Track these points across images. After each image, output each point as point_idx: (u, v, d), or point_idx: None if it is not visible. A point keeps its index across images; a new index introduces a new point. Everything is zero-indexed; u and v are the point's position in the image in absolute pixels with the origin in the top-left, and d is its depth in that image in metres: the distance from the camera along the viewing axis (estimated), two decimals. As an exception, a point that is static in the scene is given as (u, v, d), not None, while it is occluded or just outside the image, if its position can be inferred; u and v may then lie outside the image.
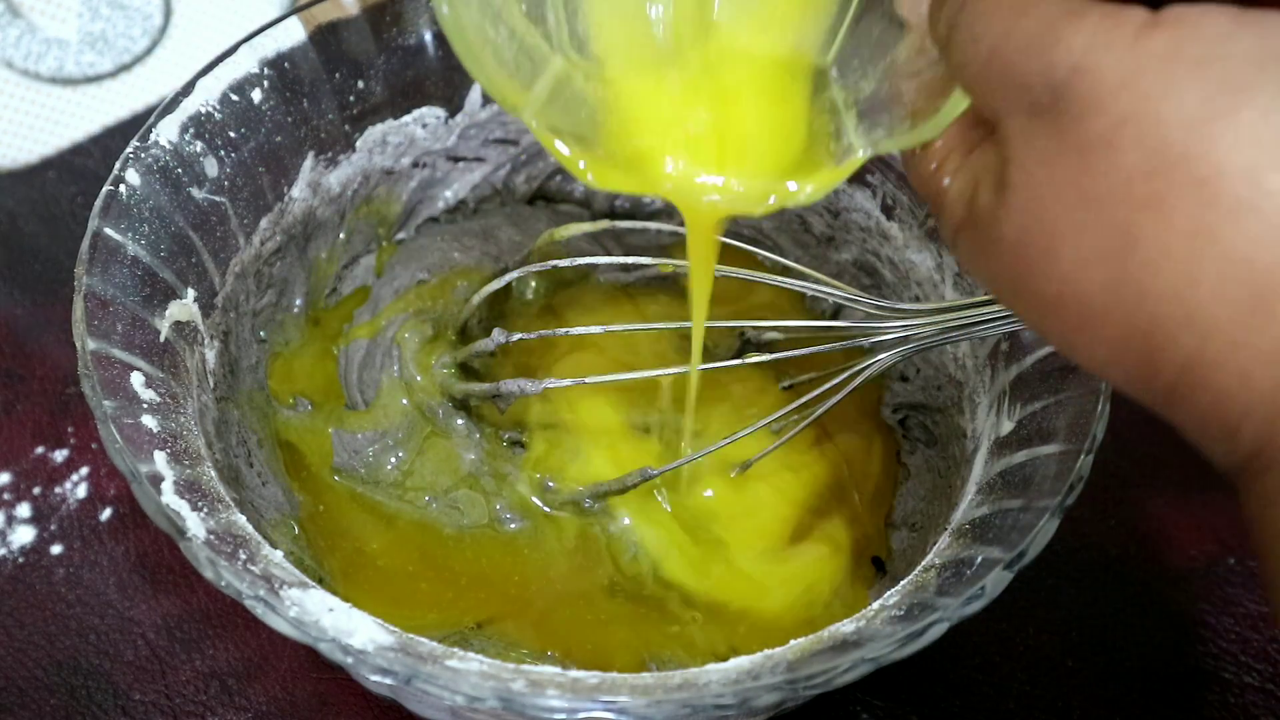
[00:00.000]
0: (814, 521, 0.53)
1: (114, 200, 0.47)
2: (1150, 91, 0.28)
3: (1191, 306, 0.28)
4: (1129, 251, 0.29)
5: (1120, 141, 0.28)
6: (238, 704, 0.51)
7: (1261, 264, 0.27)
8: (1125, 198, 0.28)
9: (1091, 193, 0.29)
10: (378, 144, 0.57)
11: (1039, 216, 0.30)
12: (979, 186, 0.33)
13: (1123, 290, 0.29)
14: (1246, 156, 0.27)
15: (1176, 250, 0.28)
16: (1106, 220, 0.29)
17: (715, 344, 0.58)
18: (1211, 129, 0.27)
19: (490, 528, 0.53)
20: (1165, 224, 0.28)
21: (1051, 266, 0.31)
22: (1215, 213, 0.27)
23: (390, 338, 0.56)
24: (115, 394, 0.43)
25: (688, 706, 0.38)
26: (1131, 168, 0.28)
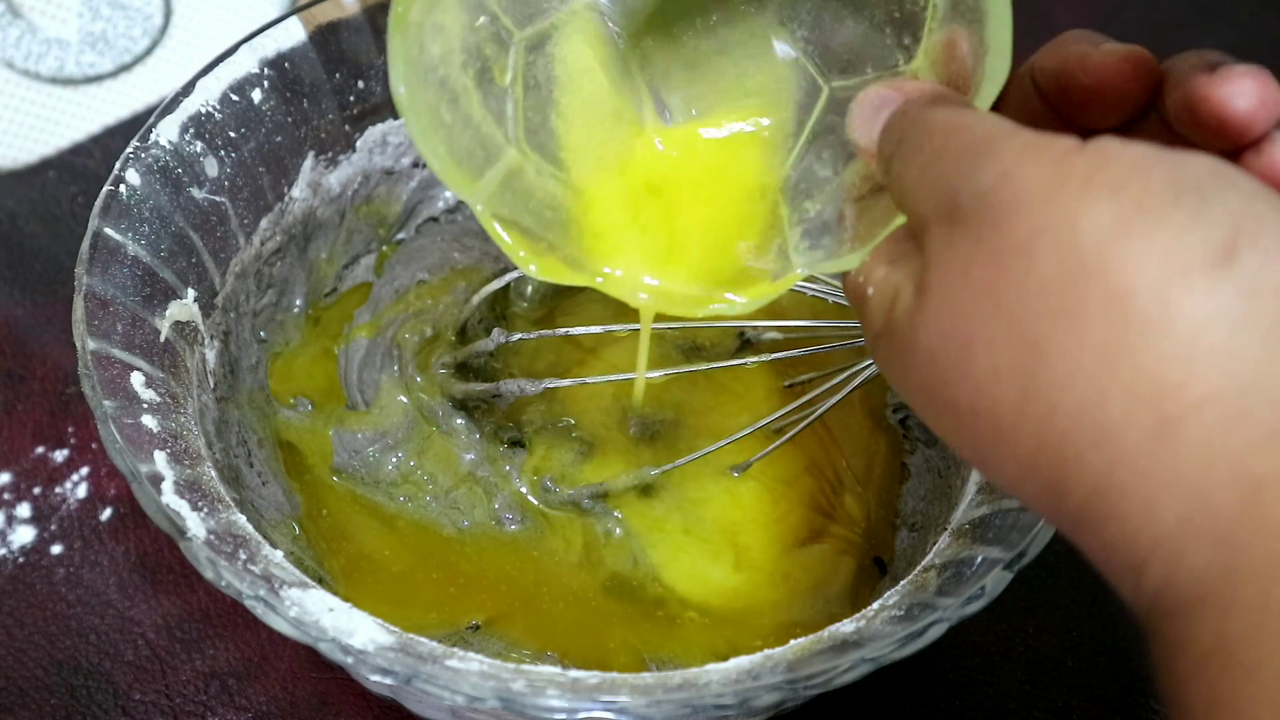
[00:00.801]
0: (816, 522, 0.53)
1: (114, 200, 0.47)
2: (1069, 206, 0.28)
3: (1100, 427, 0.28)
4: (1040, 365, 0.28)
5: (1036, 251, 0.28)
6: (238, 704, 0.51)
7: (1169, 385, 0.27)
8: (1038, 309, 0.28)
9: (1005, 302, 0.29)
10: (378, 144, 0.57)
11: (953, 324, 0.30)
12: (898, 294, 0.33)
13: (1033, 405, 0.29)
14: (1158, 276, 0.27)
15: (1086, 366, 0.27)
16: (1019, 331, 0.29)
17: (713, 344, 0.58)
18: (1125, 247, 0.27)
19: (490, 528, 0.53)
20: (1076, 339, 0.28)
21: (964, 376, 0.30)
22: (1125, 330, 0.27)
23: (390, 338, 0.56)
24: (115, 394, 0.43)
25: (688, 706, 0.38)
26: (1046, 278, 0.28)
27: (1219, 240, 0.27)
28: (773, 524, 0.53)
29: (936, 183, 0.31)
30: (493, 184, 0.38)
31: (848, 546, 0.53)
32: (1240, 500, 0.26)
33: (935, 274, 0.31)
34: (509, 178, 0.39)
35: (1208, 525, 0.26)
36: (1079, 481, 0.28)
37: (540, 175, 0.40)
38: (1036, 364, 0.28)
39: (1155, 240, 0.27)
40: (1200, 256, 0.27)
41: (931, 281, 0.31)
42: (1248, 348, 0.26)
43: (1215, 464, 0.26)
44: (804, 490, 0.54)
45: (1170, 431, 0.27)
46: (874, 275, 0.35)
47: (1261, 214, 0.27)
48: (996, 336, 0.29)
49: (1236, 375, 0.26)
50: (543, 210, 0.40)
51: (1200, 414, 0.26)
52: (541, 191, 0.40)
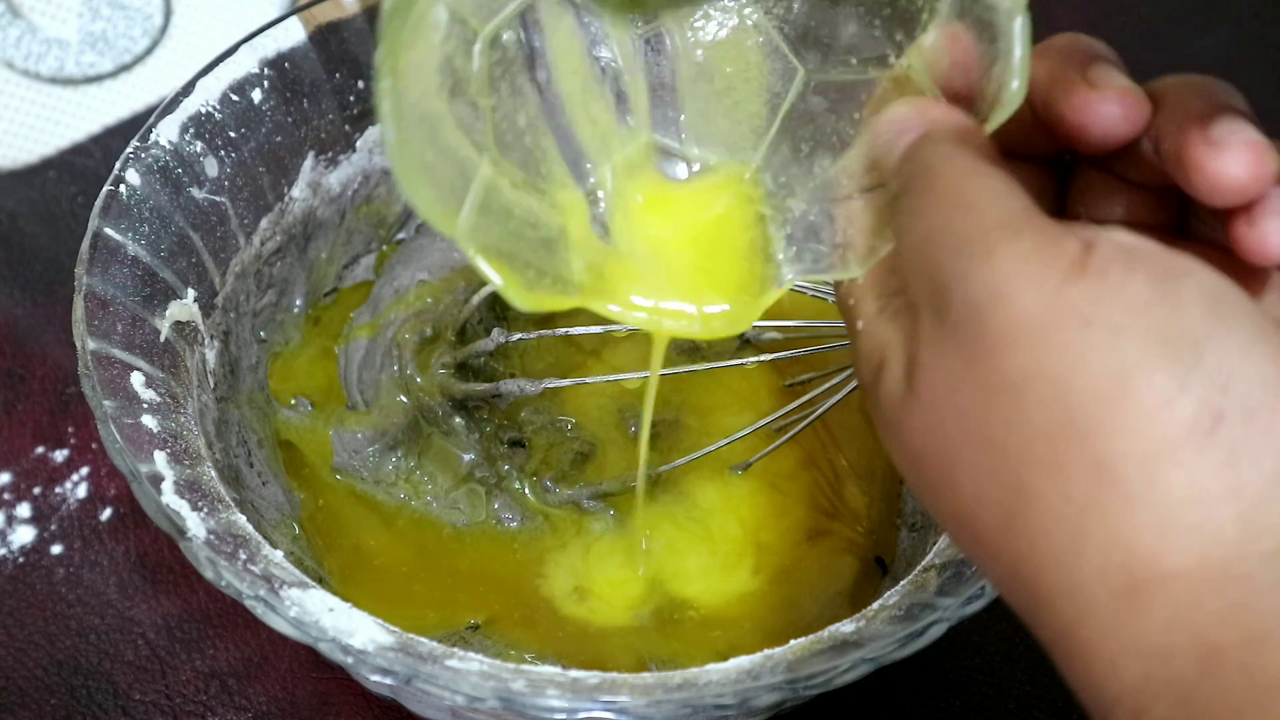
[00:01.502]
0: (818, 521, 0.53)
1: (114, 200, 0.47)
2: (1065, 353, 0.28)
3: (1073, 578, 0.28)
4: (1022, 506, 0.28)
5: (1028, 394, 0.28)
6: (238, 704, 0.51)
7: (1142, 553, 0.27)
8: (1025, 454, 0.28)
9: (993, 437, 0.29)
10: (378, 144, 0.57)
11: (941, 441, 0.30)
12: (887, 361, 0.32)
13: (1012, 540, 0.29)
14: (1144, 446, 0.27)
15: (1066, 520, 0.28)
16: (1004, 470, 0.29)
17: (713, 344, 0.58)
18: (1116, 411, 0.27)
19: (490, 527, 0.53)
20: (1059, 491, 0.28)
21: (950, 489, 0.30)
22: (1107, 494, 0.27)
23: (390, 338, 0.56)
24: (115, 394, 0.43)
25: (688, 706, 0.38)
26: (1035, 425, 0.28)
27: (1208, 409, 0.27)
28: (774, 524, 0.53)
29: (931, 266, 0.30)
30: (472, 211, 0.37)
31: (849, 546, 0.53)
32: (1200, 665, 0.26)
33: (924, 377, 0.30)
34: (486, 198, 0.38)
35: (1168, 686, 0.27)
36: (1049, 620, 0.29)
37: (516, 190, 0.39)
38: (1018, 505, 0.29)
39: (1146, 407, 0.27)
40: (1189, 424, 0.27)
41: (920, 383, 0.31)
42: (1223, 526, 0.27)
43: (1178, 631, 0.27)
44: (805, 489, 0.54)
45: (1138, 596, 0.27)
46: (865, 311, 0.34)
47: (1253, 373, 0.27)
48: (982, 469, 0.29)
49: (1209, 552, 0.27)
50: (523, 230, 0.38)
51: (1167, 585, 0.27)
52: (519, 209, 0.39)
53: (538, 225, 0.39)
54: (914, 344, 0.31)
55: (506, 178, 0.38)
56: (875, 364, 0.33)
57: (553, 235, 0.39)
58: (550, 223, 0.39)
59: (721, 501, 0.53)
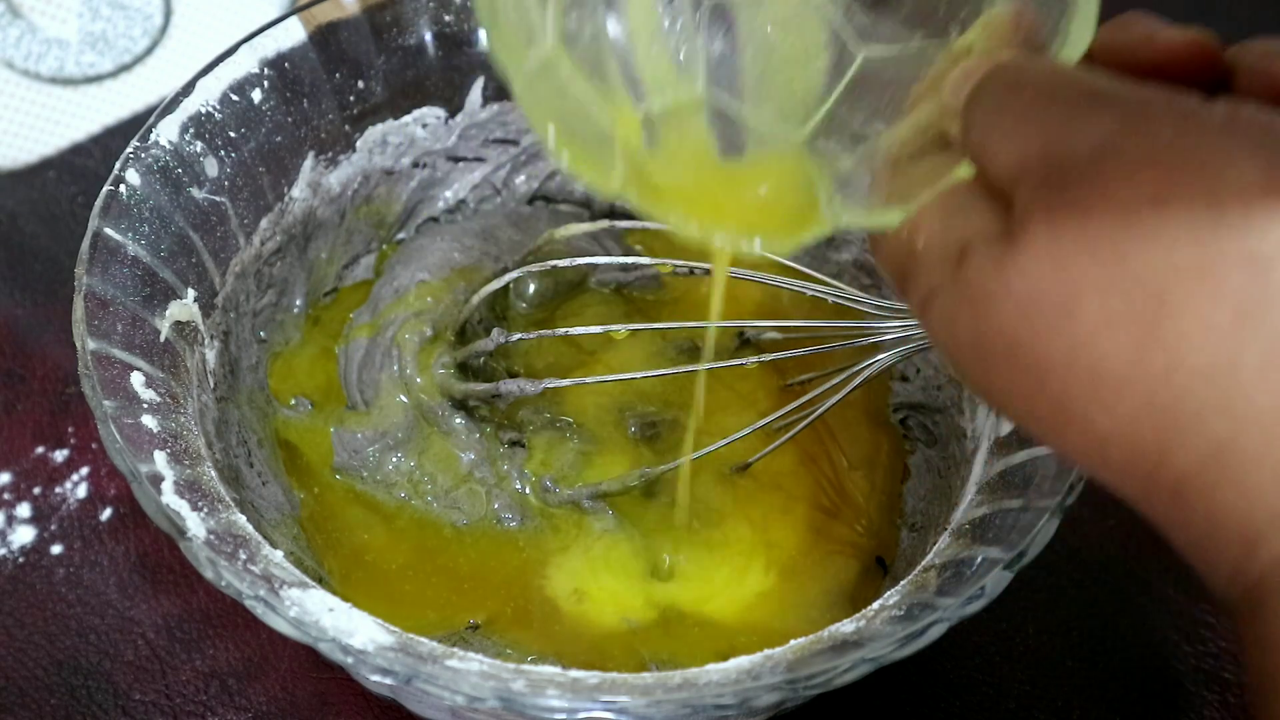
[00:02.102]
0: (818, 521, 0.53)
1: (114, 200, 0.47)
2: (1211, 158, 0.27)
3: (1229, 388, 0.26)
4: (1165, 318, 0.27)
5: (1172, 202, 0.27)
6: (238, 704, 0.51)
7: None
8: (1166, 262, 0.27)
9: (1128, 252, 0.27)
10: (378, 144, 0.57)
11: (1060, 272, 0.28)
12: (970, 246, 0.31)
13: (1150, 358, 0.27)
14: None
15: (1219, 325, 0.26)
16: (1142, 282, 0.27)
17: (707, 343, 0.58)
18: (1269, 207, 0.26)
19: (490, 527, 0.53)
20: (1209, 295, 0.26)
21: (1065, 327, 0.28)
22: (1266, 291, 0.26)
23: (390, 338, 0.56)
24: (115, 394, 0.43)
25: (688, 706, 0.38)
26: (1180, 231, 0.26)
27: None
28: (774, 523, 0.53)
29: (1038, 132, 0.29)
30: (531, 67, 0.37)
31: (850, 546, 0.53)
32: None
33: (1039, 224, 0.29)
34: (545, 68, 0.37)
35: None
36: (1193, 444, 0.27)
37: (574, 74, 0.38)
38: (1161, 317, 0.27)
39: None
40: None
41: (1033, 232, 0.29)
42: None
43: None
44: (805, 489, 0.54)
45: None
46: (929, 227, 0.32)
47: None
48: (1113, 285, 0.27)
49: None
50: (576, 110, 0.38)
51: None
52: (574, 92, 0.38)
53: (589, 116, 0.38)
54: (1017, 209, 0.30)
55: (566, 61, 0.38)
56: (953, 256, 0.31)
57: (602, 130, 0.38)
58: (602, 119, 0.39)
59: (721, 502, 0.53)
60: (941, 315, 0.31)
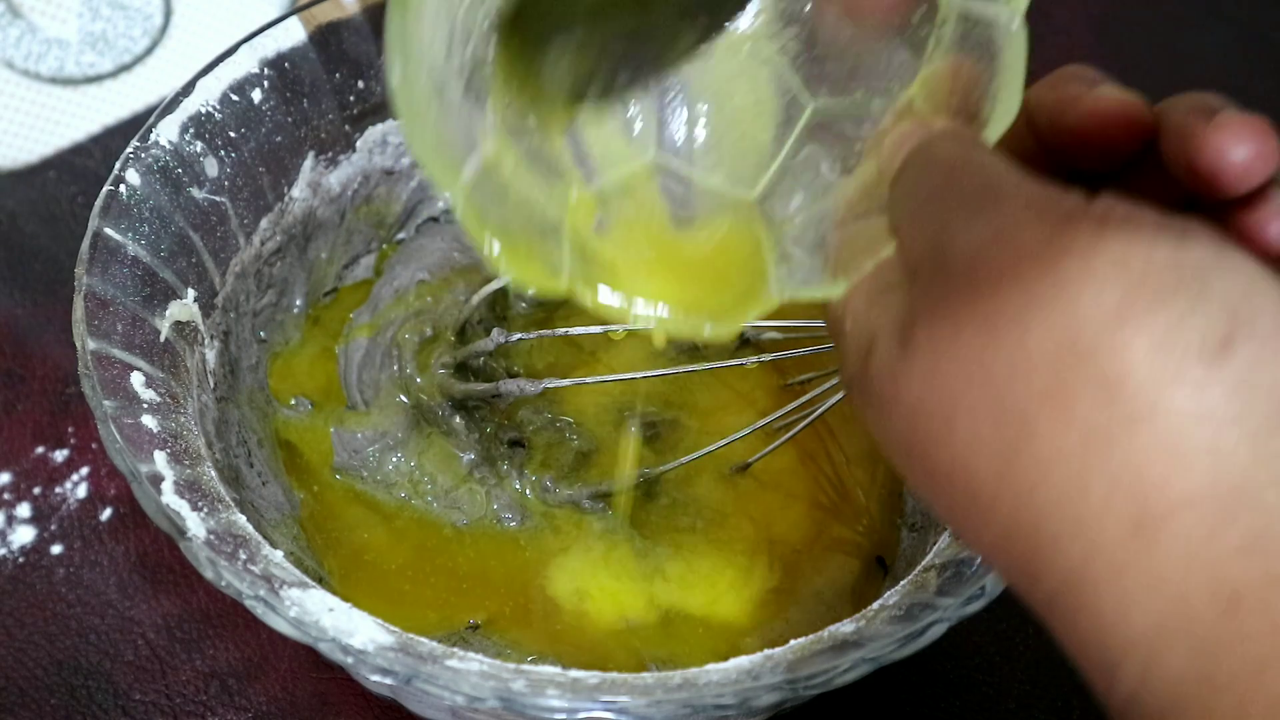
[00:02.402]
0: (819, 521, 0.53)
1: (114, 200, 0.47)
2: (1069, 281, 0.27)
3: (1080, 515, 0.27)
4: (1024, 442, 0.27)
5: (1031, 324, 0.27)
6: (238, 704, 0.51)
7: (1152, 478, 0.26)
8: (1027, 385, 0.27)
9: (994, 373, 0.28)
10: (378, 144, 0.57)
11: (938, 388, 0.29)
12: (876, 341, 0.32)
13: (1012, 481, 0.28)
14: (1151, 367, 0.26)
15: (1070, 451, 0.27)
16: (1006, 404, 0.27)
17: (708, 345, 0.58)
18: (1122, 333, 0.26)
19: (490, 527, 0.53)
20: (1063, 421, 0.27)
21: (945, 442, 0.29)
22: (1114, 418, 0.26)
23: (390, 338, 0.56)
24: (115, 394, 0.43)
25: (688, 706, 0.38)
26: (1038, 354, 0.27)
27: (1216, 332, 0.26)
28: (774, 523, 0.53)
29: (933, 223, 0.30)
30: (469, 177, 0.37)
31: (850, 546, 0.53)
32: (1218, 608, 0.25)
33: (922, 330, 0.30)
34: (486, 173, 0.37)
35: (1184, 631, 0.25)
36: (1053, 567, 0.27)
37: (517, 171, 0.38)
38: (1020, 440, 0.27)
39: (1153, 328, 0.26)
40: (1196, 349, 0.26)
41: (918, 338, 0.30)
42: (1236, 449, 0.26)
43: (1194, 568, 0.25)
44: (806, 489, 0.54)
45: (1150, 529, 0.26)
46: (853, 309, 0.33)
47: (1260, 305, 0.26)
48: (981, 406, 0.28)
49: (1222, 477, 0.25)
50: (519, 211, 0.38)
51: (1182, 514, 0.26)
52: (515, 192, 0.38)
53: (532, 211, 0.38)
54: (910, 306, 0.31)
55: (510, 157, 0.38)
56: (865, 348, 0.32)
57: (547, 225, 0.38)
58: (546, 213, 0.39)
59: (721, 502, 0.53)
60: (856, 403, 0.33)
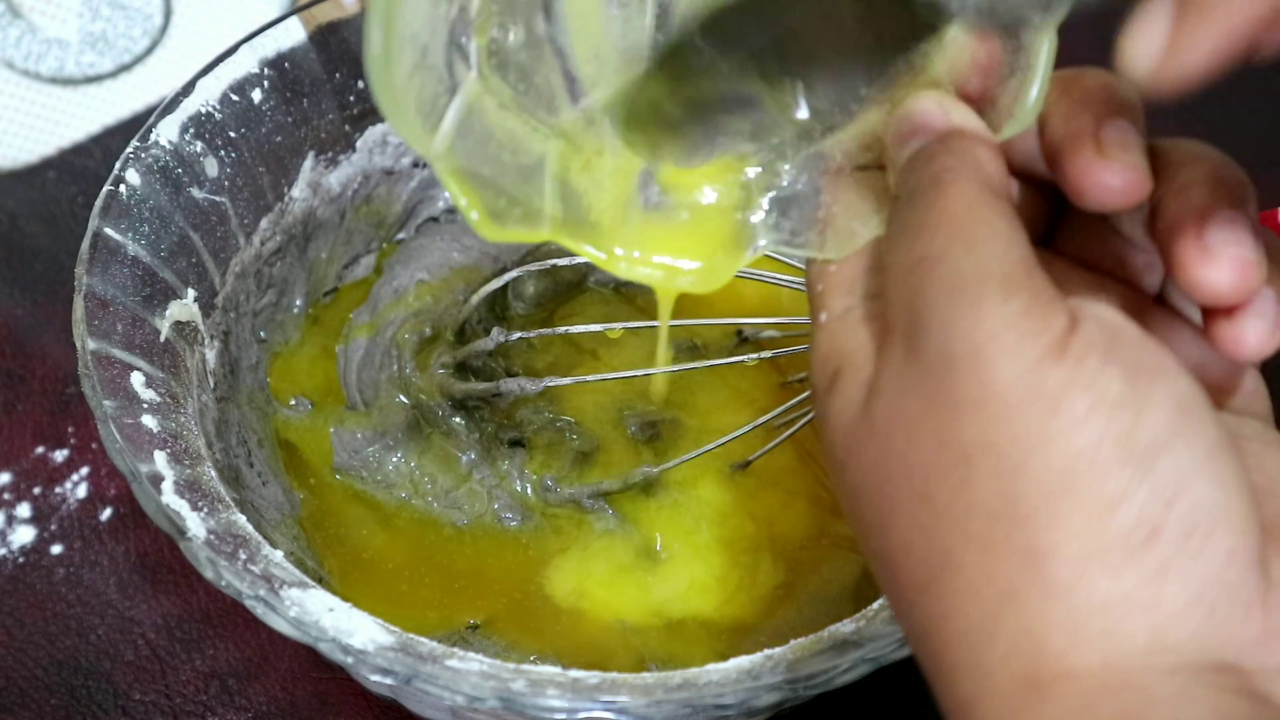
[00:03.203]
0: (819, 519, 0.53)
1: (114, 200, 0.47)
2: (1026, 435, 0.27)
3: (979, 658, 0.28)
4: (946, 574, 0.29)
5: (979, 466, 0.28)
6: (238, 704, 0.51)
7: (1051, 649, 0.27)
8: (961, 524, 0.28)
9: (934, 497, 0.29)
10: (378, 144, 0.57)
11: (884, 482, 0.30)
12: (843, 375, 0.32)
13: (929, 603, 0.29)
14: (1080, 547, 0.27)
15: (984, 601, 0.28)
16: (937, 533, 0.29)
17: (707, 343, 0.58)
18: (1059, 506, 0.27)
19: (490, 527, 0.53)
20: (984, 571, 0.28)
21: (881, 532, 0.30)
22: (1030, 585, 0.27)
23: (389, 338, 0.56)
24: (115, 394, 0.43)
25: (688, 706, 0.38)
26: (978, 499, 0.28)
27: (1148, 522, 0.27)
28: (775, 522, 0.53)
29: (915, 295, 0.30)
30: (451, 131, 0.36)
31: (851, 544, 0.53)
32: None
33: (882, 409, 0.30)
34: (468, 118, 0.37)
35: None
36: (949, 690, 0.29)
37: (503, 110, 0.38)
38: (942, 572, 0.29)
39: (1090, 507, 0.27)
40: (1125, 533, 0.27)
41: (876, 415, 0.30)
42: (1134, 636, 0.27)
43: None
44: (806, 487, 0.54)
45: (1037, 690, 0.27)
46: (831, 303, 0.33)
47: (1199, 492, 0.27)
48: (917, 523, 0.29)
49: (1112, 659, 0.27)
50: (502, 154, 0.37)
51: (1066, 684, 0.27)
52: (501, 131, 0.37)
53: (517, 150, 0.38)
54: (879, 367, 0.31)
55: (494, 97, 0.37)
56: (832, 371, 0.32)
57: (531, 162, 0.38)
58: (531, 148, 0.38)
59: (722, 500, 0.53)
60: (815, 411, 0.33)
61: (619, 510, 0.53)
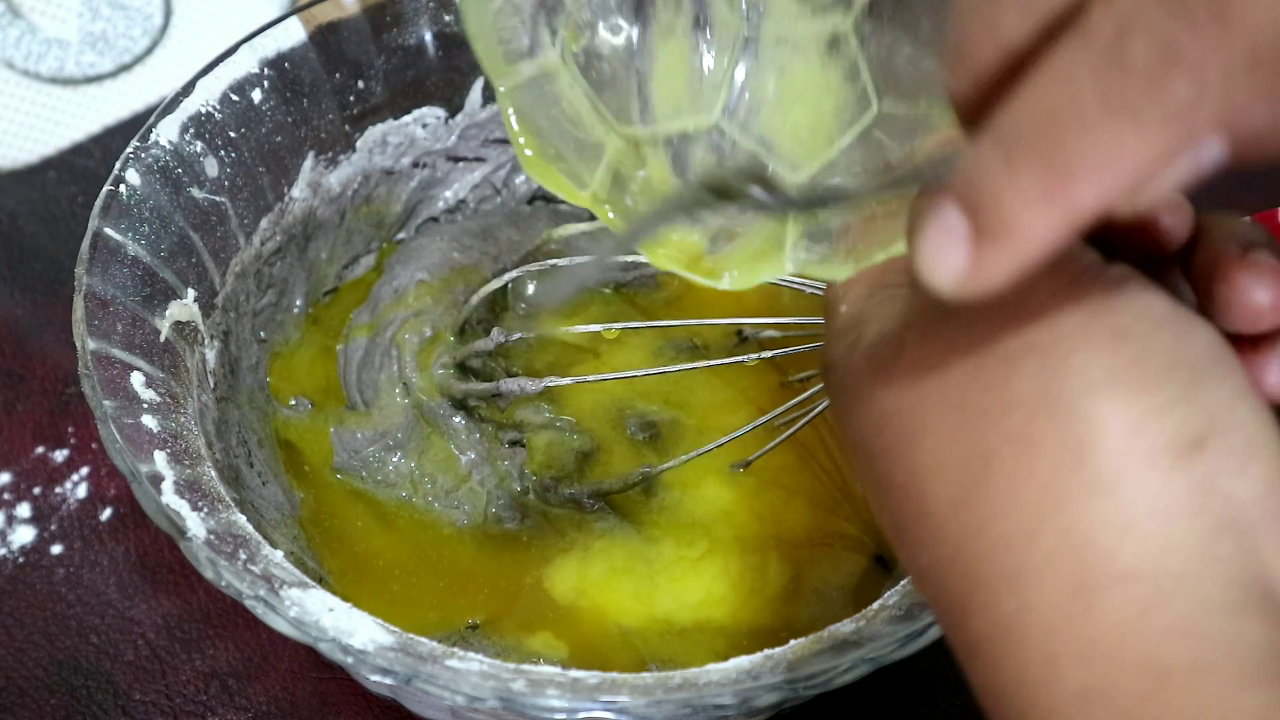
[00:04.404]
0: (820, 519, 0.53)
1: (114, 200, 0.47)
2: (1067, 338, 0.27)
3: (1022, 564, 0.27)
4: (984, 479, 0.27)
5: (1022, 367, 0.27)
6: (238, 704, 0.51)
7: (1100, 547, 0.26)
8: (1002, 423, 0.27)
9: (972, 403, 0.28)
10: (378, 144, 0.57)
11: (915, 402, 0.29)
12: (866, 333, 0.32)
13: (965, 513, 0.28)
14: (1124, 443, 0.26)
15: (1026, 500, 0.27)
16: (975, 438, 0.28)
17: (707, 343, 0.58)
18: (1105, 402, 0.26)
19: (490, 527, 0.53)
20: (1025, 469, 0.27)
21: (908, 453, 0.29)
22: (1075, 480, 0.26)
23: (389, 338, 0.56)
24: (115, 394, 0.43)
25: (688, 706, 0.38)
26: (1019, 397, 0.27)
27: (1192, 431, 0.26)
28: (775, 521, 0.53)
29: None
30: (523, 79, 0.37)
31: (851, 545, 0.53)
32: (1146, 686, 0.25)
33: (913, 344, 0.30)
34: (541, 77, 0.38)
35: (1110, 703, 0.25)
36: (986, 609, 0.27)
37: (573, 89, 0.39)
38: (981, 476, 0.28)
39: (1133, 409, 0.26)
40: (1170, 440, 0.26)
41: (907, 350, 0.30)
42: (1184, 540, 0.26)
43: (1126, 641, 0.25)
44: (806, 487, 0.54)
45: (1088, 595, 0.26)
46: (852, 294, 0.33)
47: (1240, 418, 0.27)
48: (952, 433, 0.28)
49: (1165, 562, 0.26)
50: (562, 122, 0.39)
51: (1123, 586, 0.26)
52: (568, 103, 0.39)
53: (579, 126, 0.39)
54: (908, 313, 0.31)
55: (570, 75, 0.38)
56: (854, 337, 0.32)
57: (590, 141, 0.39)
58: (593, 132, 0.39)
59: (722, 500, 0.53)
60: (830, 389, 0.33)
61: (619, 510, 0.53)
